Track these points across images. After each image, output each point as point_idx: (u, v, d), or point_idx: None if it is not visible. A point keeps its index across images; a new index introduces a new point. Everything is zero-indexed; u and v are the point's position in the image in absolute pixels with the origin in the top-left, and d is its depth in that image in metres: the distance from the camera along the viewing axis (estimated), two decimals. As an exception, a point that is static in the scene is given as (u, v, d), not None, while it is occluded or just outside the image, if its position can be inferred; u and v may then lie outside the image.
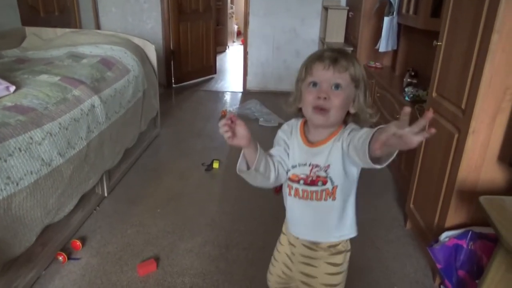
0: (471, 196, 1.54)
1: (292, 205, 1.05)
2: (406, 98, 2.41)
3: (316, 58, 0.93)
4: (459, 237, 1.51)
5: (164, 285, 1.68)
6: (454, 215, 1.60)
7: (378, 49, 2.94)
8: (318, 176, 0.96)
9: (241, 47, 5.45)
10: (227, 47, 8.21)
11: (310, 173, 0.97)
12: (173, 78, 4.95)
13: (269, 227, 2.10)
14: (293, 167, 1.00)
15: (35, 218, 1.59)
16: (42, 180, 1.61)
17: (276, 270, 1.21)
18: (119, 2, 4.50)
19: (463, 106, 1.51)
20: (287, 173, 1.02)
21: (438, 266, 1.56)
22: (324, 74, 0.91)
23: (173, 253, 1.87)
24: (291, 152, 1.01)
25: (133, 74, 2.70)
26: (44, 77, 2.11)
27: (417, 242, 1.98)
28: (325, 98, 0.90)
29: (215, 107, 4.27)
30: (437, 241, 1.59)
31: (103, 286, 1.66)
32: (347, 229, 1.04)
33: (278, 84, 4.78)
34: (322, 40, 4.29)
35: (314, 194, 0.98)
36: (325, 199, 0.98)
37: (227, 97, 4.72)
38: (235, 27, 9.01)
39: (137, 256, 1.83)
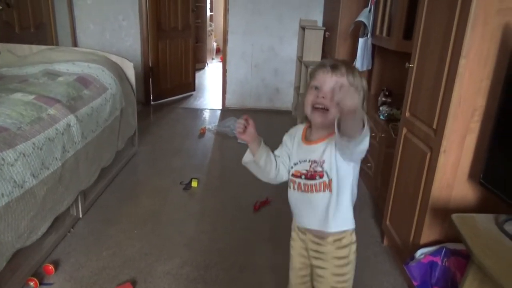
0: (444, 213, 1.59)
1: (296, 198, 1.16)
2: (381, 117, 2.48)
3: (319, 65, 1.07)
4: (433, 254, 1.55)
5: (140, 309, 1.64)
6: (429, 232, 1.64)
7: (353, 69, 3.02)
8: (315, 171, 1.08)
9: (220, 64, 5.49)
10: (206, 64, 8.25)
11: (309, 168, 1.09)
12: (151, 95, 4.92)
13: (249, 246, 2.10)
14: (295, 164, 1.13)
15: (6, 242, 1.53)
16: (13, 202, 1.55)
17: (294, 263, 1.28)
18: (97, 19, 4.48)
19: (434, 126, 1.57)
20: (289, 171, 1.16)
21: (414, 283, 1.58)
22: (325, 77, 1.03)
23: (151, 276, 1.83)
24: (292, 151, 1.16)
25: (111, 92, 2.68)
26: (18, 95, 2.06)
27: (394, 259, 2.01)
28: (323, 97, 1.03)
29: (193, 124, 4.26)
30: (413, 258, 1.62)
31: (77, 312, 1.61)
32: (343, 221, 1.13)
33: (257, 102, 4.83)
34: (299, 58, 4.38)
35: (314, 186, 1.09)
36: (323, 191, 1.08)
37: (206, 114, 4.72)
38: (214, 44, 9.08)
39: (113, 280, 1.78)
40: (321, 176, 1.07)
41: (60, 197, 1.94)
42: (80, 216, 2.27)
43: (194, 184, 2.74)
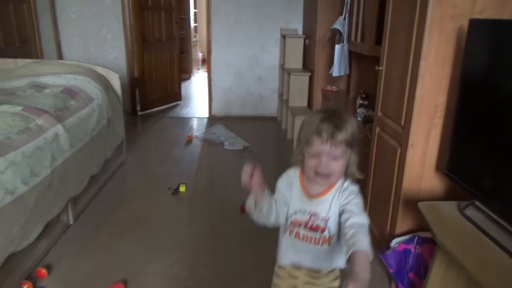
0: (415, 204, 1.69)
1: (291, 244, 1.16)
2: (358, 118, 2.61)
3: (314, 132, 1.01)
4: (407, 242, 1.66)
5: (132, 307, 1.71)
6: (403, 222, 1.75)
7: (331, 74, 3.16)
8: (317, 225, 1.09)
9: (206, 74, 5.59)
10: (192, 74, 8.35)
11: (309, 220, 1.10)
12: (138, 106, 5.00)
13: (235, 244, 2.19)
14: (295, 213, 1.12)
15: (-1, 246, 1.59)
16: (5, 208, 1.62)
17: None
18: (82, 32, 4.55)
19: (402, 123, 1.69)
20: (287, 219, 1.14)
21: (391, 270, 1.69)
22: (323, 149, 1.00)
23: (142, 276, 1.90)
24: (291, 201, 1.13)
25: (97, 102, 2.76)
26: (5, 107, 2.12)
27: (373, 250, 2.11)
28: (326, 166, 1.02)
29: (180, 132, 4.34)
30: (388, 247, 1.73)
31: (70, 312, 1.67)
32: (338, 263, 1.17)
33: (242, 109, 4.94)
34: (282, 66, 4.51)
35: (313, 239, 1.11)
36: (322, 245, 1.11)
37: (193, 122, 4.81)
38: (200, 54, 9.19)
39: (105, 281, 1.84)
40: (322, 231, 1.09)
41: (50, 203, 2.01)
42: (71, 222, 2.33)
43: (182, 189, 2.82)
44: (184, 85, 7.23)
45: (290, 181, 1.14)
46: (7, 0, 3.55)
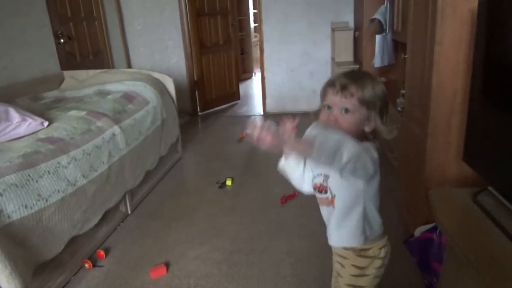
0: (440, 193, 1.66)
1: (321, 210, 1.17)
2: (398, 109, 2.55)
3: (329, 84, 1.03)
4: (429, 230, 1.63)
5: (171, 285, 1.92)
6: (427, 211, 1.72)
7: (373, 65, 3.11)
8: (322, 185, 1.09)
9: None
10: (253, 73, 8.57)
11: (322, 181, 1.10)
12: (198, 107, 5.32)
13: (270, 233, 2.30)
14: (314, 177, 1.13)
15: (63, 229, 1.90)
16: (68, 197, 1.92)
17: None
18: (147, 42, 4.98)
19: (423, 111, 1.66)
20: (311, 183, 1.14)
21: (414, 259, 1.68)
22: (334, 99, 1.01)
23: (182, 259, 2.11)
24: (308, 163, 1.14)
25: (152, 105, 3.05)
26: (73, 112, 2.48)
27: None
28: (334, 120, 1.01)
29: (235, 130, 4.54)
30: (412, 236, 1.72)
31: (121, 287, 1.92)
32: (347, 238, 1.11)
33: (295, 105, 5.01)
34: (333, 60, 4.50)
35: (321, 200, 1.12)
36: (327, 205, 1.10)
37: (249, 120, 5.00)
38: (261, 54, 9.39)
39: (151, 263, 2.08)
40: (325, 192, 1.08)
41: (108, 195, 2.30)
42: (129, 212, 2.64)
43: (229, 182, 3.00)
44: (245, 85, 7.50)
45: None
46: (81, 19, 4.04)
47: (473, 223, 1.22)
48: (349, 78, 1.01)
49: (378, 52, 2.93)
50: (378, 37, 2.93)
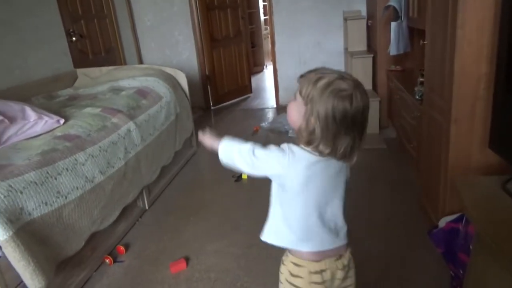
0: (464, 182, 1.62)
1: None
2: (417, 97, 2.50)
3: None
4: (454, 221, 1.59)
5: (192, 280, 1.91)
6: (452, 201, 1.68)
7: (389, 53, 3.04)
8: None
9: (277, 65, 5.70)
10: (264, 66, 8.52)
11: None
12: (211, 101, 5.31)
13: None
14: None
15: (83, 226, 1.91)
16: (86, 194, 1.93)
17: None
18: (157, 38, 4.98)
19: (445, 98, 1.62)
20: None
21: (439, 250, 1.64)
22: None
23: (202, 254, 2.11)
24: None
25: (166, 100, 3.04)
26: (88, 109, 2.48)
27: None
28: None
29: (249, 124, 4.53)
30: (436, 227, 1.68)
31: (142, 282, 1.93)
32: (274, 235, 1.12)
33: (309, 97, 4.95)
34: (346, 50, 4.42)
35: None
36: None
37: (262, 113, 4.97)
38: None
39: (171, 258, 2.09)
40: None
41: (125, 190, 2.31)
42: (147, 207, 2.64)
43: (244, 176, 2.99)
44: (256, 78, 7.45)
45: None
46: (92, 16, 4.05)
47: (503, 211, 1.18)
48: (316, 72, 0.95)
49: (394, 40, 2.87)
50: (393, 25, 2.86)
